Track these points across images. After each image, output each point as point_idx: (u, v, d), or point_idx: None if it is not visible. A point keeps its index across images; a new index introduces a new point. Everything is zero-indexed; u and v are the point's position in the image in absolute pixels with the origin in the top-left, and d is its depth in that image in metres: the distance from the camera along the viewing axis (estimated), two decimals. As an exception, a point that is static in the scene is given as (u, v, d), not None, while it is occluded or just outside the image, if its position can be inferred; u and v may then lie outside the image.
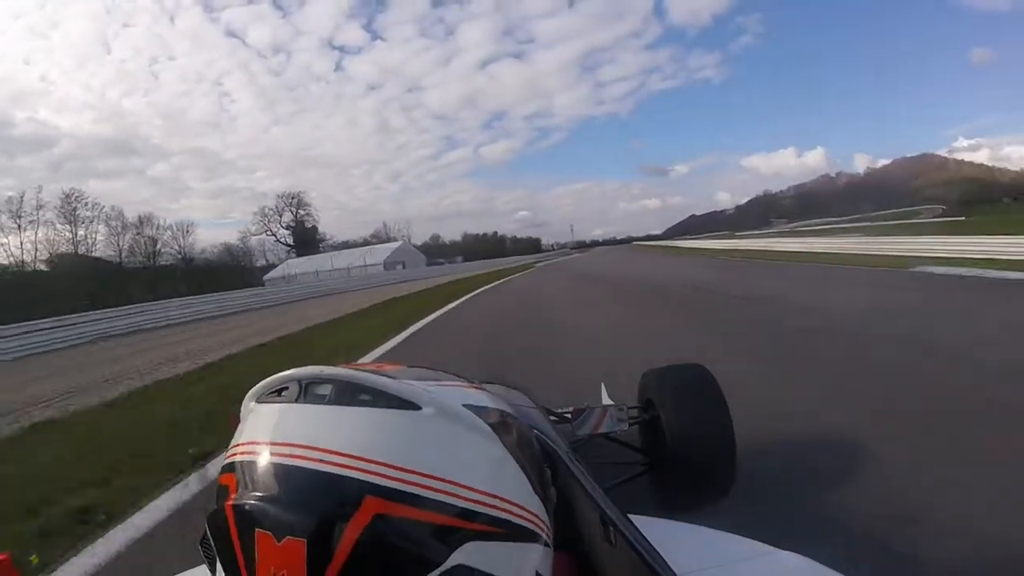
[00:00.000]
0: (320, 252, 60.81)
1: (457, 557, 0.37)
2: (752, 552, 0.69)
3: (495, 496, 0.41)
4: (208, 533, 0.40)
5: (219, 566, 0.39)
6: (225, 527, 0.38)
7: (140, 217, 50.48)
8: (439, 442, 0.40)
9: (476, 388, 0.50)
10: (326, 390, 0.41)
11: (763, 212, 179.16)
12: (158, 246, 50.46)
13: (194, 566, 0.69)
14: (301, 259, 57.32)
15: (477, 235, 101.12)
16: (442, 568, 0.36)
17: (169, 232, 51.28)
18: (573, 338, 5.95)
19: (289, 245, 66.23)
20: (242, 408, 0.46)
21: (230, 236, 65.59)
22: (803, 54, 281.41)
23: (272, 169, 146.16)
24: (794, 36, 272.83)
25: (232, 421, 0.47)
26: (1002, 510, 1.76)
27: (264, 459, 0.39)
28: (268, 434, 0.40)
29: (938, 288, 7.31)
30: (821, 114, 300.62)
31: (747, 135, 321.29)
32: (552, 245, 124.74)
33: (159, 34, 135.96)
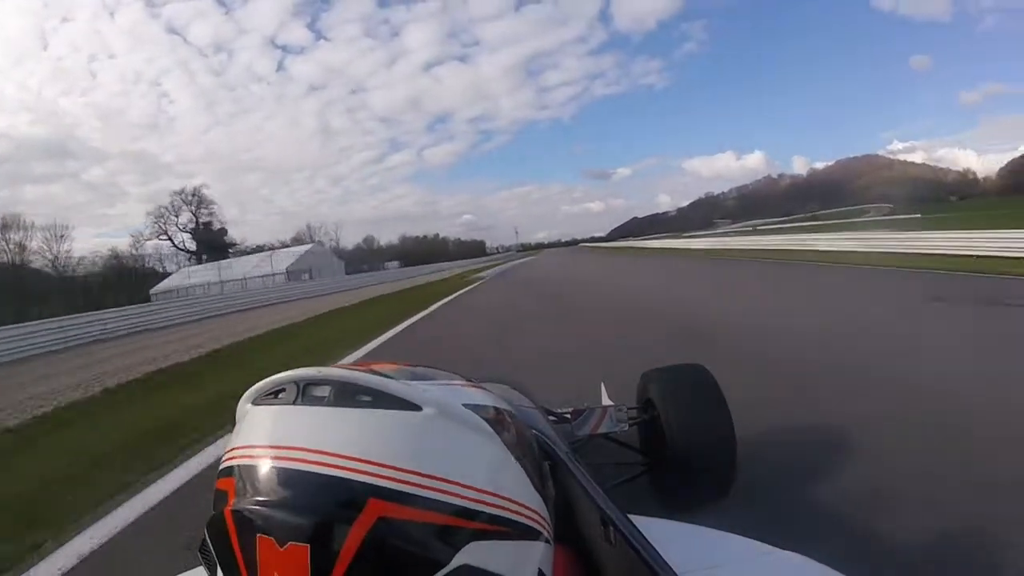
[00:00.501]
0: (230, 257, 51.88)
1: (461, 557, 0.37)
2: (752, 552, 0.69)
3: (497, 495, 0.40)
4: (207, 539, 0.38)
5: (219, 572, 0.37)
6: (225, 533, 0.37)
7: (4, 218, 41.94)
8: (441, 442, 0.39)
9: (474, 387, 0.49)
10: (325, 391, 0.40)
11: (706, 214, 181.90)
12: (26, 253, 42.11)
13: (192, 567, 0.63)
14: (202, 266, 48.42)
15: (417, 237, 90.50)
16: (447, 569, 0.36)
17: (41, 236, 42.74)
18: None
19: (189, 251, 57.07)
20: (237, 410, 0.44)
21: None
22: (744, 60, 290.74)
23: (211, 173, 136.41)
24: (736, 43, 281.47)
25: None
26: None
27: (263, 463, 0.38)
28: (266, 437, 0.39)
29: None
30: (760, 118, 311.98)
31: (688, 139, 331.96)
32: (497, 248, 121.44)
33: (99, 30, 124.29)
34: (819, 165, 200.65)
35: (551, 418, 1.60)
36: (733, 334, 5.25)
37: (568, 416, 1.79)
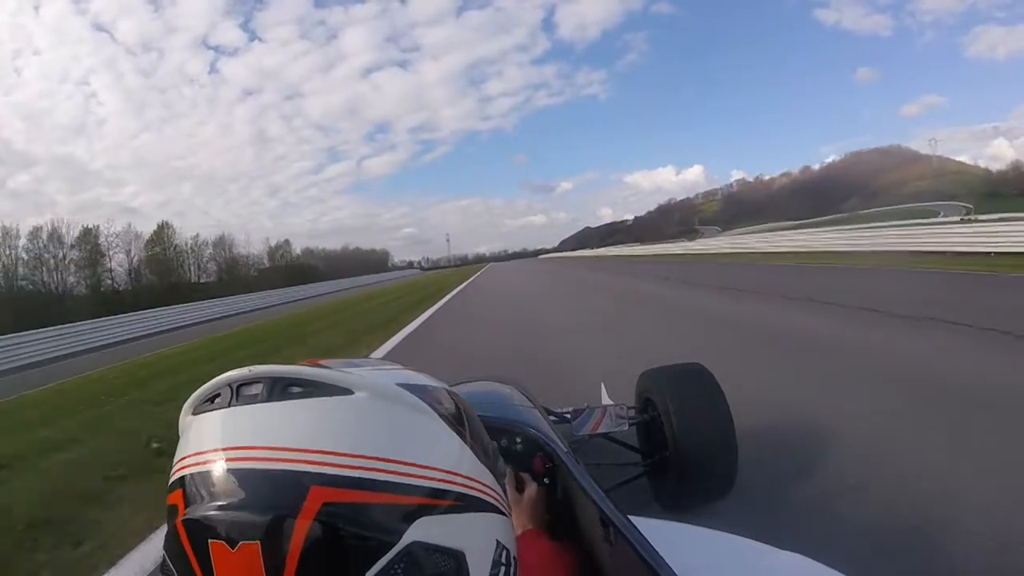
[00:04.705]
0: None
1: (412, 534, 0.37)
2: (752, 552, 0.68)
3: (441, 469, 0.40)
4: (166, 558, 0.39)
5: None
6: (179, 546, 0.37)
7: None
8: (377, 423, 0.40)
9: (413, 370, 0.49)
10: (258, 389, 0.40)
11: (682, 220, 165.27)
12: None
13: None
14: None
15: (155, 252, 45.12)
16: (399, 547, 0.36)
17: None
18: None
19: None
20: (180, 423, 0.44)
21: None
22: (687, 73, 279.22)
23: (141, 182, 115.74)
24: (679, 55, 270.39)
25: None
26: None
27: (207, 468, 0.38)
28: (207, 443, 0.39)
29: None
30: (702, 132, 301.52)
31: (629, 153, 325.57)
32: (420, 262, 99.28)
33: (22, 24, 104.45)
34: (815, 165, 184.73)
35: (551, 418, 1.63)
36: None
37: (568, 416, 1.82)
